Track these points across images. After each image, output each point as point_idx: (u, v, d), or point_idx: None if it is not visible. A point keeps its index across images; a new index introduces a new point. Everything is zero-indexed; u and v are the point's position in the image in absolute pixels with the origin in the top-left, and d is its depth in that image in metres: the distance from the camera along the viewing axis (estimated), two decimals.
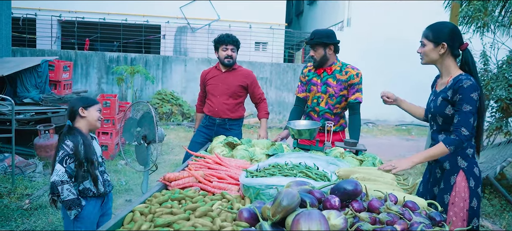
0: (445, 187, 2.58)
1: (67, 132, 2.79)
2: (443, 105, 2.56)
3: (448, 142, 2.47)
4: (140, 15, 14.17)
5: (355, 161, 2.71)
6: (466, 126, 2.44)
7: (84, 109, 2.84)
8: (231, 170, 2.22)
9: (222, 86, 4.20)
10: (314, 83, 3.70)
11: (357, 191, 1.71)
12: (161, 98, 12.13)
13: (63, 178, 2.63)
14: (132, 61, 12.93)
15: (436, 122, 2.65)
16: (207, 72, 4.34)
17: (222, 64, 4.20)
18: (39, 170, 5.82)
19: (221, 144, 2.91)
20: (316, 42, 3.55)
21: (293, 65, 14.28)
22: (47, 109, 6.65)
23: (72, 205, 2.65)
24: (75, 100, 2.93)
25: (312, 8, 19.07)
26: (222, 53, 4.15)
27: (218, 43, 4.19)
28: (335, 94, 3.60)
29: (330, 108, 3.64)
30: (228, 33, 4.27)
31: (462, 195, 2.52)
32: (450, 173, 2.57)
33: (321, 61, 3.61)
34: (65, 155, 2.67)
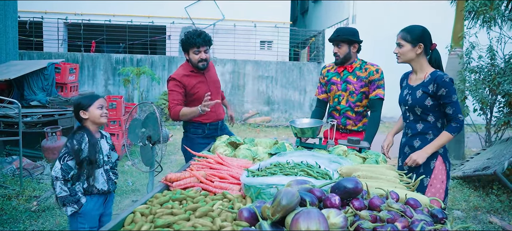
0: (425, 171, 2.91)
1: (75, 131, 2.86)
2: (423, 98, 2.88)
3: (452, 130, 2.83)
4: (145, 16, 14.23)
5: (358, 159, 2.70)
6: (460, 112, 2.82)
7: (84, 111, 2.86)
8: (233, 170, 2.22)
9: (211, 86, 3.83)
10: (333, 82, 3.68)
11: (358, 189, 1.70)
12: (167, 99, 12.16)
13: (57, 175, 2.70)
14: (138, 62, 12.99)
15: (413, 113, 2.98)
16: (183, 77, 3.72)
17: (196, 68, 3.73)
18: (47, 172, 5.87)
19: (224, 143, 2.91)
20: (342, 38, 3.53)
21: (299, 63, 14.25)
22: (54, 111, 6.71)
23: (65, 201, 2.71)
24: (74, 103, 2.93)
25: (317, 6, 19.01)
26: (195, 57, 3.66)
27: (188, 45, 3.66)
28: (355, 91, 3.57)
29: (351, 106, 3.61)
30: (197, 32, 3.68)
31: (440, 177, 2.92)
32: (429, 158, 2.91)
33: (344, 59, 3.59)
34: (65, 153, 2.73)
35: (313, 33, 15.30)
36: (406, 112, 3.04)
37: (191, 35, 3.65)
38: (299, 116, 13.68)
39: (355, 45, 3.58)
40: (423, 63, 2.96)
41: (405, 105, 3.03)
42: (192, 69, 3.75)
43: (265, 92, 13.72)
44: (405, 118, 3.08)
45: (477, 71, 7.09)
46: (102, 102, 2.91)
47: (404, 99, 3.03)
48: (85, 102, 2.86)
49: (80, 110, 2.85)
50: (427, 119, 2.93)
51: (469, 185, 5.95)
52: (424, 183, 2.88)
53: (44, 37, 13.98)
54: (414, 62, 2.98)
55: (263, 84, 13.70)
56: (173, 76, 3.75)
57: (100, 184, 2.86)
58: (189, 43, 3.63)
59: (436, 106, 2.90)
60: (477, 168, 5.90)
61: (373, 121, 3.55)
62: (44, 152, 6.23)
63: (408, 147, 3.04)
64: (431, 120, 2.92)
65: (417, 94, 2.92)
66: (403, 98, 3.06)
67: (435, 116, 2.92)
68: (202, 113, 3.42)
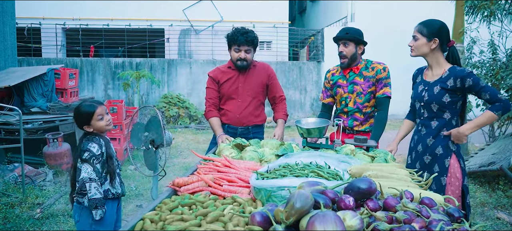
0: (441, 170, 2.86)
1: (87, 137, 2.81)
2: (441, 94, 2.83)
3: (495, 109, 2.74)
4: (144, 19, 14.20)
5: (367, 157, 2.66)
6: (498, 92, 2.75)
7: (88, 126, 2.82)
8: (241, 173, 2.18)
9: (243, 88, 3.67)
10: (339, 85, 3.61)
11: (372, 189, 1.66)
12: (168, 102, 12.14)
13: (91, 176, 2.66)
14: (137, 65, 12.95)
15: (429, 110, 2.91)
16: (219, 72, 3.73)
17: (235, 65, 3.67)
18: (49, 178, 5.82)
19: (229, 146, 2.87)
20: (350, 37, 3.46)
21: (299, 63, 14.22)
22: (54, 117, 6.66)
23: (98, 204, 2.66)
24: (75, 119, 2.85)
25: (315, 5, 18.98)
26: (234, 55, 3.60)
27: (230, 41, 3.61)
28: (363, 92, 3.51)
29: (359, 107, 3.55)
30: (242, 30, 3.58)
31: (457, 175, 2.86)
32: (443, 157, 2.87)
33: (351, 59, 3.51)
34: (91, 156, 2.70)
35: (312, 32, 15.28)
36: (421, 108, 2.98)
37: (236, 31, 3.57)
38: (300, 116, 13.65)
39: (361, 46, 3.52)
40: (439, 59, 2.90)
41: (420, 101, 2.96)
42: (230, 65, 3.71)
43: None
44: (419, 115, 3.01)
45: (479, 66, 7.05)
46: (100, 111, 2.82)
47: (420, 95, 2.97)
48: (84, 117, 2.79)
49: (83, 126, 2.82)
50: (443, 116, 2.87)
51: (475, 181, 5.91)
52: (442, 182, 2.83)
53: (43, 43, 13.94)
54: (429, 57, 2.92)
55: None
56: (210, 73, 3.79)
57: (116, 186, 2.84)
58: (232, 39, 3.57)
59: (453, 102, 2.84)
60: (482, 164, 5.86)
61: (380, 120, 3.49)
62: (46, 159, 6.18)
63: (421, 145, 2.97)
64: (447, 117, 2.87)
65: (434, 90, 2.86)
66: (418, 95, 2.99)
67: (451, 113, 2.86)
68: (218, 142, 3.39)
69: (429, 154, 2.93)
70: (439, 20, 2.95)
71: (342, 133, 3.52)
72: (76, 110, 2.84)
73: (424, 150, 2.95)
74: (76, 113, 2.83)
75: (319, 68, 13.97)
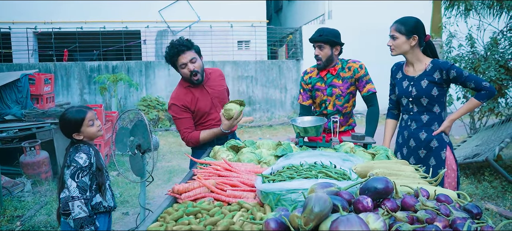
0: (437, 163, 2.88)
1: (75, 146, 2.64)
2: (430, 87, 2.85)
3: (480, 97, 2.79)
4: (119, 21, 13.88)
5: (367, 155, 2.59)
6: (482, 80, 2.79)
7: (77, 134, 2.65)
8: (243, 176, 2.08)
9: (215, 98, 3.39)
10: (318, 88, 3.53)
11: (389, 189, 1.58)
12: (147, 105, 11.89)
13: (74, 194, 2.47)
14: (114, 69, 12.65)
15: (418, 104, 2.93)
16: (183, 96, 3.28)
17: (192, 82, 3.27)
18: (28, 189, 5.57)
19: (225, 148, 2.75)
20: (325, 39, 3.35)
21: (278, 62, 14.18)
22: (31, 125, 6.38)
23: (84, 223, 2.46)
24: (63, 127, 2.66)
25: (291, 3, 19.00)
26: (185, 72, 3.20)
27: (171, 60, 3.20)
28: (342, 94, 3.45)
29: (338, 109, 3.49)
30: (175, 43, 3.18)
31: (453, 166, 2.90)
32: (439, 149, 2.89)
33: (327, 61, 3.42)
34: (77, 170, 2.52)
35: (290, 30, 15.26)
36: (409, 104, 2.99)
37: (169, 49, 3.18)
38: (281, 115, 13.61)
39: (338, 47, 3.42)
40: (419, 54, 2.94)
41: (408, 97, 2.97)
42: (187, 84, 3.31)
43: (246, 92, 13.58)
44: (408, 111, 3.02)
45: (458, 60, 7.14)
46: (90, 116, 2.67)
47: (406, 91, 2.97)
48: (73, 125, 2.62)
49: (73, 133, 2.64)
50: (432, 110, 2.91)
51: (460, 173, 5.96)
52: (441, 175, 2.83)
53: (13, 48, 13.46)
54: (409, 54, 2.94)
55: (243, 84, 13.56)
56: (173, 101, 3.31)
57: (107, 200, 2.68)
58: (170, 57, 3.19)
59: (441, 96, 2.88)
60: (467, 156, 5.92)
61: (373, 115, 3.46)
62: (23, 168, 5.92)
63: (413, 139, 2.98)
64: (436, 111, 2.90)
65: (422, 84, 2.88)
66: (404, 90, 3.00)
67: (440, 107, 2.90)
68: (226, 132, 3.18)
69: (424, 148, 2.95)
70: (413, 16, 2.98)
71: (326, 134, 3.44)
72: (64, 117, 2.65)
73: (418, 144, 2.97)
74: (64, 121, 2.64)
75: (298, 66, 13.95)
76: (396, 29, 2.89)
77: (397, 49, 2.93)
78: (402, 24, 2.89)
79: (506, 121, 6.42)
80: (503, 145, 5.34)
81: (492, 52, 6.41)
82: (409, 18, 2.94)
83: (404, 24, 2.88)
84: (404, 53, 2.95)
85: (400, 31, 2.88)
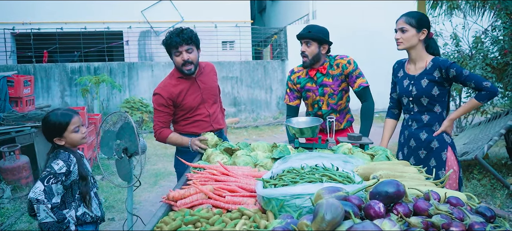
0: (438, 164, 2.81)
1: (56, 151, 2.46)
2: (431, 86, 2.77)
3: (480, 98, 2.70)
4: (100, 22, 13.59)
5: (366, 156, 2.52)
6: (483, 80, 2.68)
7: (59, 138, 2.46)
8: (241, 180, 1.97)
9: (204, 93, 3.30)
10: (309, 89, 3.42)
11: (400, 192, 1.50)
12: (130, 106, 11.65)
13: (39, 197, 2.27)
14: (96, 70, 12.37)
15: (419, 104, 2.84)
16: (171, 87, 3.19)
17: (183, 73, 3.19)
18: (8, 195, 5.34)
19: (219, 150, 2.64)
20: (313, 36, 3.25)
21: (263, 62, 14.09)
22: (10, 128, 6.14)
23: (51, 228, 2.29)
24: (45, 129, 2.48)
25: (275, 4, 18.94)
26: (178, 60, 3.13)
27: (168, 47, 3.15)
28: (334, 92, 3.36)
29: (333, 108, 3.40)
30: (176, 30, 3.13)
31: (454, 168, 2.81)
32: (439, 150, 2.81)
33: (313, 59, 3.31)
34: (48, 174, 2.34)
35: (275, 30, 15.19)
36: (410, 103, 2.91)
37: (170, 35, 3.12)
38: (267, 116, 13.53)
39: (325, 46, 3.32)
40: (422, 52, 2.86)
41: (408, 96, 2.89)
42: (179, 75, 3.22)
43: (231, 93, 13.46)
44: (408, 110, 2.95)
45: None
46: (77, 121, 2.49)
47: (406, 90, 2.90)
48: (59, 125, 2.44)
49: (54, 138, 2.46)
50: (433, 110, 2.83)
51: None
52: (439, 176, 2.75)
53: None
54: (414, 50, 2.85)
55: (228, 85, 13.43)
56: (159, 91, 3.20)
57: (93, 210, 2.52)
58: (168, 45, 3.12)
59: (442, 95, 2.80)
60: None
61: (367, 112, 3.35)
62: (2, 174, 5.68)
63: (413, 140, 2.91)
64: (437, 110, 2.83)
65: (422, 84, 2.80)
66: (404, 89, 2.92)
67: (441, 106, 2.83)
68: (189, 148, 3.11)
69: (424, 149, 2.88)
70: (419, 11, 2.94)
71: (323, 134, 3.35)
72: (47, 119, 2.46)
73: (418, 144, 2.90)
74: (47, 123, 2.45)
75: (283, 67, 13.89)
76: (406, 22, 2.79)
77: (406, 43, 2.81)
78: (412, 16, 2.79)
79: (493, 119, 6.45)
80: (492, 143, 5.34)
81: (478, 50, 6.45)
82: (416, 12, 2.88)
83: (414, 16, 2.79)
84: (411, 48, 2.84)
85: (411, 23, 2.78)
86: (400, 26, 2.82)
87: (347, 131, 3.49)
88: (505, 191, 5.12)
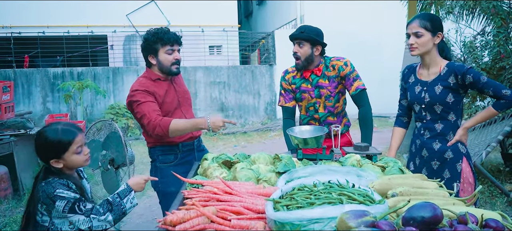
0: (452, 176, 2.62)
1: (48, 181, 2.05)
2: (445, 93, 2.59)
3: (498, 106, 2.54)
4: (84, 25, 13.24)
5: (376, 168, 2.32)
6: (503, 87, 2.52)
7: (57, 160, 2.08)
8: (246, 199, 1.75)
9: (182, 97, 3.10)
10: (304, 90, 3.24)
11: (438, 217, 1.30)
12: (115, 113, 11.32)
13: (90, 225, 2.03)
14: (79, 75, 12.01)
15: (432, 112, 2.67)
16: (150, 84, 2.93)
17: (166, 73, 2.97)
18: None
19: (216, 164, 2.41)
20: (306, 37, 3.09)
21: (251, 67, 13.90)
22: None
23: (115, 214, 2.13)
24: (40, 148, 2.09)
25: (262, 8, 18.80)
26: (167, 58, 2.91)
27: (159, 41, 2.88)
28: (331, 94, 3.19)
29: (330, 111, 3.22)
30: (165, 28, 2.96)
31: (470, 180, 2.64)
32: (454, 161, 2.63)
33: (306, 61, 3.14)
34: (71, 204, 2.01)
35: (263, 35, 15.02)
36: (422, 111, 2.73)
37: (159, 31, 2.90)
38: (255, 121, 13.32)
39: (319, 47, 3.15)
40: (436, 56, 2.67)
41: (420, 103, 2.71)
42: (157, 76, 2.97)
43: (218, 98, 13.22)
44: (421, 118, 2.76)
45: None
46: (80, 140, 2.11)
47: (419, 96, 2.71)
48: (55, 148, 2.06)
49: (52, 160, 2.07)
50: (447, 118, 2.65)
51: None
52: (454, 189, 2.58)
53: None
54: (428, 54, 2.66)
55: (215, 90, 13.20)
56: (136, 87, 2.90)
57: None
58: (159, 40, 2.87)
59: (457, 102, 2.62)
60: None
61: (365, 118, 3.18)
62: None
63: (426, 150, 2.73)
64: (452, 119, 2.65)
65: (436, 90, 2.62)
66: (416, 96, 2.73)
67: (456, 114, 2.65)
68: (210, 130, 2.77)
69: (437, 159, 2.70)
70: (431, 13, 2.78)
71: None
72: (44, 136, 2.06)
73: (431, 155, 2.72)
74: (44, 141, 2.06)
75: (271, 72, 13.72)
76: (421, 25, 2.59)
77: (421, 48, 2.61)
78: (427, 20, 2.59)
79: (488, 125, 6.36)
80: (490, 150, 5.23)
81: (473, 55, 6.37)
82: (429, 13, 2.71)
83: (429, 20, 2.59)
84: (425, 53, 2.65)
85: (426, 27, 2.58)
86: (414, 30, 2.61)
87: (344, 136, 3.31)
88: (505, 199, 5.00)
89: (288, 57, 3.27)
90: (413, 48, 2.63)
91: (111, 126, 3.69)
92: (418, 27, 2.59)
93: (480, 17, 7.03)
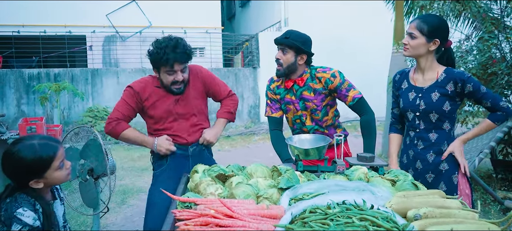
0: (448, 189, 2.49)
1: (15, 196, 1.78)
2: (442, 101, 2.46)
3: (495, 118, 2.46)
4: (61, 25, 12.76)
5: (386, 182, 2.12)
6: (500, 99, 2.46)
7: (38, 180, 1.80)
8: (250, 224, 1.52)
9: (181, 108, 2.89)
10: (288, 101, 2.98)
11: None
12: (94, 116, 10.91)
13: None
14: (56, 77, 11.55)
15: (426, 121, 2.53)
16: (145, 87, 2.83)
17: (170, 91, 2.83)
18: None
19: (209, 178, 2.16)
20: (290, 43, 2.80)
21: (234, 70, 13.67)
22: None
23: None
24: (13, 168, 1.79)
25: (245, 10, 18.59)
26: (168, 78, 2.73)
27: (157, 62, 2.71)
28: (317, 108, 2.92)
29: (318, 124, 2.97)
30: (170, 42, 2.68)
31: (466, 191, 2.52)
32: (450, 173, 2.50)
33: (288, 69, 2.87)
34: None
35: (246, 37, 14.81)
36: (416, 119, 2.57)
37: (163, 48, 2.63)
38: (239, 125, 13.07)
39: (303, 56, 2.87)
40: (433, 61, 2.53)
41: (414, 111, 2.55)
42: (159, 85, 2.84)
43: None
44: (413, 127, 2.60)
45: None
46: (61, 155, 1.86)
47: (413, 104, 2.56)
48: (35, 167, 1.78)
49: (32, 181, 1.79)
50: (442, 127, 2.51)
51: None
52: None
53: None
54: (423, 59, 2.52)
55: None
56: (133, 85, 2.86)
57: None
58: (159, 60, 2.66)
59: (453, 111, 2.48)
60: None
61: (368, 126, 2.92)
62: None
63: (420, 162, 2.57)
64: (446, 128, 2.51)
65: (433, 97, 2.48)
66: (410, 103, 2.58)
67: (450, 123, 2.52)
68: (154, 150, 2.78)
69: (432, 172, 2.55)
70: (437, 16, 2.59)
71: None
72: (18, 156, 1.75)
73: (425, 167, 2.56)
74: (19, 162, 1.76)
75: (255, 75, 13.51)
76: (417, 27, 2.46)
77: (412, 50, 2.49)
78: (425, 22, 2.45)
79: None
80: (483, 156, 5.12)
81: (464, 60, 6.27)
82: (433, 17, 2.53)
83: (427, 23, 2.44)
84: (417, 57, 2.53)
85: (422, 30, 2.44)
86: (410, 31, 2.50)
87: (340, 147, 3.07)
88: (498, 206, 4.90)
89: (272, 60, 3.04)
90: (405, 48, 2.54)
91: (90, 132, 3.40)
92: (414, 28, 2.49)
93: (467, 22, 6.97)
